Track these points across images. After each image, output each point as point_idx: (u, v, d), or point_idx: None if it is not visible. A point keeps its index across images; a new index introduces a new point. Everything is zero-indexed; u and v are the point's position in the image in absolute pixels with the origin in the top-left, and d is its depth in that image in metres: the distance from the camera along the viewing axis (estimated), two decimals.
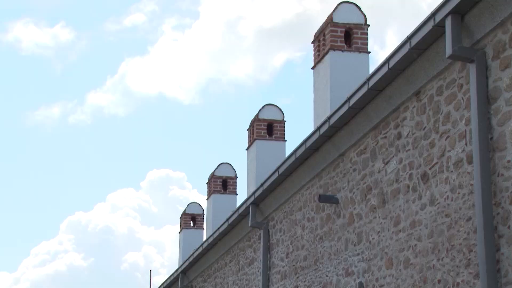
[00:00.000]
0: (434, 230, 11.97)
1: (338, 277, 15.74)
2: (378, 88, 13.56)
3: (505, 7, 10.12)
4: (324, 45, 20.96)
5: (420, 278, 12.31)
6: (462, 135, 11.35)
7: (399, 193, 13.27)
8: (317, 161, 17.15)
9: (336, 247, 15.93)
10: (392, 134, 13.69)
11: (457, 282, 11.21)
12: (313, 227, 17.42)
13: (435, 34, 11.58)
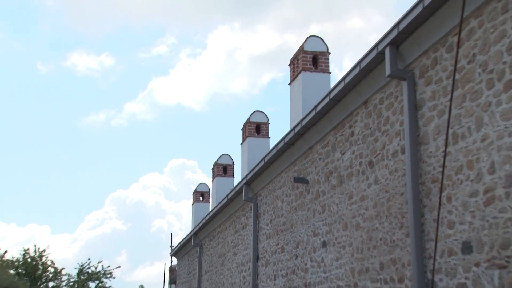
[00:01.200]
0: (377, 202, 12.03)
1: (307, 237, 15.76)
2: (337, 98, 13.59)
3: (427, 40, 10.39)
4: (298, 67, 21.02)
5: (367, 237, 12.35)
6: (397, 133, 11.44)
7: (352, 175, 13.30)
8: (293, 153, 17.14)
9: (306, 215, 15.97)
10: (347, 133, 13.72)
11: (393, 240, 11.29)
12: (290, 201, 17.43)
13: (378, 59, 11.62)
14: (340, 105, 13.82)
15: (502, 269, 8.20)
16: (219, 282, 27.04)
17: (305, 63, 20.89)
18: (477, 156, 8.90)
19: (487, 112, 8.72)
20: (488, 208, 8.58)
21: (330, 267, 14.22)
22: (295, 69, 21.40)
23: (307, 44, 21.07)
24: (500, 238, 8.27)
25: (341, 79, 13.27)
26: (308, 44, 21.05)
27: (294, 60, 21.57)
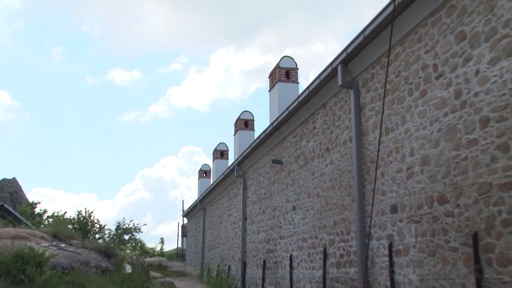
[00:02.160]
0: (332, 177, 12.07)
1: (282, 203, 15.77)
2: (303, 102, 13.61)
3: (367, 60, 10.45)
4: (275, 79, 20.97)
5: (325, 203, 12.38)
6: (347, 127, 11.48)
7: (314, 158, 13.30)
8: (271, 141, 17.07)
9: (281, 187, 15.97)
10: (311, 127, 13.71)
11: (343, 204, 11.33)
12: (269, 177, 17.38)
13: (332, 73, 11.67)
14: (306, 107, 13.83)
15: (417, 224, 8.44)
16: (217, 235, 27.05)
17: (280, 76, 20.95)
18: (402, 144, 9.05)
19: (408, 112, 8.88)
20: (408, 181, 8.77)
21: (298, 224, 14.25)
22: (273, 80, 21.39)
23: (282, 62, 21.15)
24: (416, 202, 8.49)
25: (306, 88, 13.31)
26: (282, 62, 21.13)
27: (272, 74, 21.59)
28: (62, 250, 12.94)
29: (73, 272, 12.12)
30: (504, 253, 6.50)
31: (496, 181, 6.70)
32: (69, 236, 15.62)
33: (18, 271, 10.53)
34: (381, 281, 9.54)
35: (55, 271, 11.51)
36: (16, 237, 12.80)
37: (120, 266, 15.20)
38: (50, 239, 14.34)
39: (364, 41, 10.15)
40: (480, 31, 7.20)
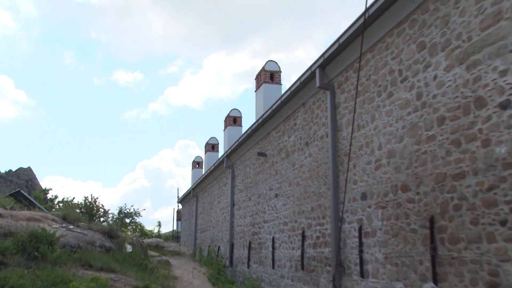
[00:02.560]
0: (310, 168, 12.11)
1: (265, 191, 15.81)
2: (285, 101, 13.63)
3: (342, 65, 10.47)
4: (261, 80, 20.94)
5: (304, 191, 12.41)
6: (323, 124, 11.52)
7: (295, 151, 13.32)
8: (257, 136, 17.08)
9: (265, 177, 15.98)
10: (292, 123, 13.71)
11: (320, 192, 11.39)
12: (255, 168, 17.41)
13: (311, 76, 11.71)
14: (287, 105, 13.84)
15: (383, 209, 8.56)
16: (208, 220, 27.06)
17: (265, 78, 20.92)
18: (371, 139, 9.13)
19: (377, 111, 8.96)
20: (376, 172, 8.87)
21: (279, 210, 14.27)
22: (259, 81, 21.35)
23: (267, 65, 21.13)
24: (383, 190, 8.61)
25: (288, 89, 13.31)
26: (267, 66, 21.11)
27: (259, 76, 21.54)
28: (70, 231, 13.06)
29: (80, 250, 12.26)
30: (454, 233, 6.66)
31: (449, 172, 6.84)
32: (77, 219, 15.73)
33: (33, 248, 10.73)
34: (351, 259, 9.62)
35: (65, 249, 11.67)
36: (31, 219, 12.92)
37: (121, 246, 15.32)
38: (60, 221, 14.45)
39: (339, 48, 10.20)
40: (437, 41, 7.33)
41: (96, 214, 34.35)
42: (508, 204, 5.77)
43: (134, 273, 13.14)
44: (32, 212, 14.93)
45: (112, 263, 12.58)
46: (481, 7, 6.47)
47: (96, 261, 12.01)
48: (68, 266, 11.15)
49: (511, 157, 5.78)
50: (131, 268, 13.54)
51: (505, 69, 5.97)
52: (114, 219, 37.51)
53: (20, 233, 10.99)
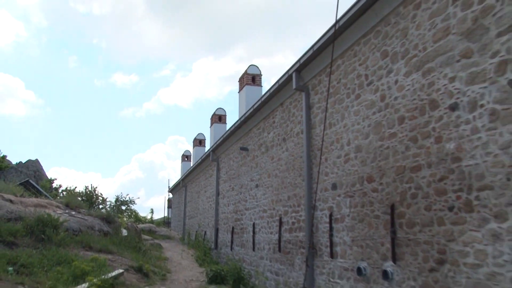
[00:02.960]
0: (287, 161, 12.13)
1: (247, 182, 15.82)
2: (265, 101, 13.64)
3: (315, 69, 10.49)
4: (243, 83, 20.92)
5: (281, 182, 12.43)
6: (299, 122, 11.55)
7: (274, 146, 13.32)
8: (240, 133, 17.06)
9: (247, 169, 15.99)
10: (271, 121, 13.69)
11: (295, 183, 11.42)
12: (238, 161, 17.40)
13: (288, 79, 11.71)
14: (267, 105, 13.84)
15: (351, 198, 8.67)
16: (196, 207, 27.03)
17: (247, 80, 20.93)
18: (341, 136, 9.21)
19: (346, 111, 9.05)
20: (345, 165, 8.96)
21: (259, 199, 14.30)
22: (242, 84, 21.32)
23: (249, 69, 21.13)
24: (351, 181, 8.72)
25: (268, 90, 13.30)
26: (249, 69, 21.11)
27: (242, 79, 21.51)
28: (72, 217, 13.10)
29: (81, 234, 12.34)
30: (411, 218, 6.84)
31: (408, 165, 7.01)
32: (78, 206, 15.77)
33: (40, 231, 10.85)
34: (323, 242, 9.70)
35: (68, 232, 11.76)
36: (38, 206, 12.95)
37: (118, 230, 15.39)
38: (63, 208, 14.48)
39: (313, 55, 10.24)
40: (398, 50, 7.48)
41: (96, 201, 34.27)
42: (455, 193, 5.98)
43: (129, 254, 13.24)
44: (39, 199, 14.96)
45: (109, 245, 12.66)
46: (433, 22, 6.66)
47: (96, 243, 12.09)
48: (70, 247, 11.23)
49: (458, 152, 5.99)
50: (126, 250, 13.63)
51: (453, 76, 6.17)
52: (112, 206, 37.46)
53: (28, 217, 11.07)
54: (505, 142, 5.27)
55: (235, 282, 13.06)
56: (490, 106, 5.52)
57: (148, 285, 11.22)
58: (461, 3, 6.13)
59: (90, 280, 8.86)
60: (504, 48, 5.38)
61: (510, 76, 5.25)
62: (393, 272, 7.22)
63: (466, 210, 5.79)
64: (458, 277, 5.86)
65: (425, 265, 6.50)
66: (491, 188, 5.43)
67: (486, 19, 5.68)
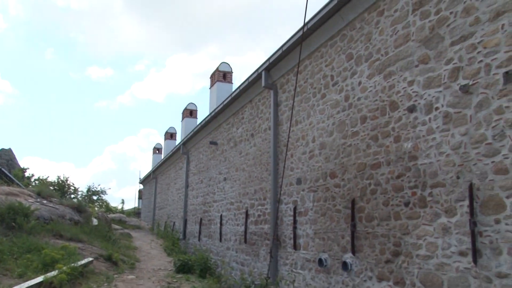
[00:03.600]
0: (255, 156, 12.19)
1: (216, 175, 15.82)
2: (235, 98, 13.68)
3: (284, 69, 10.57)
4: (215, 79, 20.87)
5: (248, 176, 12.50)
6: (267, 118, 11.63)
7: (242, 141, 13.38)
8: (210, 127, 17.07)
9: (216, 163, 15.98)
10: (240, 117, 13.74)
11: (262, 177, 11.51)
12: (207, 154, 17.39)
13: (258, 77, 11.77)
14: (237, 101, 13.88)
15: (314, 192, 8.81)
16: (166, 199, 26.92)
17: (219, 77, 20.88)
18: (306, 133, 9.33)
19: (312, 109, 9.17)
20: (310, 161, 9.09)
21: (227, 192, 14.34)
22: (213, 80, 21.23)
23: (221, 66, 21.09)
24: (314, 176, 8.85)
25: (238, 87, 13.33)
26: (221, 67, 21.07)
27: (213, 75, 21.43)
28: (44, 205, 12.94)
29: (52, 222, 12.19)
30: (370, 212, 7.03)
31: (369, 162, 7.19)
32: (50, 195, 15.56)
33: (10, 219, 10.68)
34: (286, 234, 9.82)
35: (39, 221, 11.61)
36: (9, 194, 12.75)
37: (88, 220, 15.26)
38: (35, 196, 14.27)
39: (282, 55, 10.32)
40: (362, 54, 7.64)
41: (67, 191, 33.87)
42: (411, 189, 6.20)
43: (99, 243, 13.15)
44: (11, 187, 14.70)
45: (80, 234, 12.56)
46: (395, 29, 6.85)
47: (66, 232, 11.98)
48: (41, 235, 11.10)
49: (415, 151, 6.20)
50: (96, 239, 13.54)
51: (412, 80, 6.38)
52: (83, 196, 37.07)
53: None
54: (456, 143, 5.50)
55: (202, 272, 13.13)
56: (444, 109, 5.74)
57: (117, 273, 11.20)
58: (420, 13, 6.35)
59: (59, 267, 8.79)
60: (457, 56, 5.60)
61: (461, 82, 5.48)
62: (352, 263, 7.41)
63: (420, 206, 6.01)
64: (411, 268, 6.09)
65: (382, 256, 6.70)
66: (443, 185, 5.65)
67: (442, 28, 5.90)
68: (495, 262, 4.84)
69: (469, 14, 5.47)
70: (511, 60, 4.88)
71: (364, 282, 7.06)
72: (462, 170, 5.38)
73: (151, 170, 33.86)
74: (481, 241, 5.02)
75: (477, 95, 5.25)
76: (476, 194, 5.14)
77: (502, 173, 4.85)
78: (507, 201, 4.77)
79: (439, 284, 5.58)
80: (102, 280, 9.99)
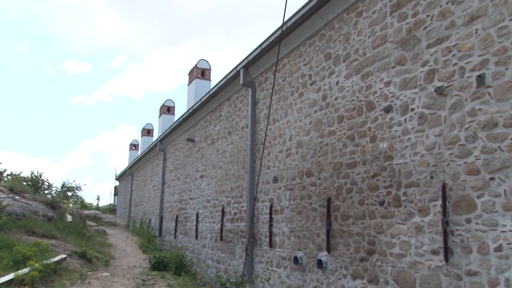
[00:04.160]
0: (232, 154, 12.21)
1: (192, 172, 15.83)
2: (213, 95, 13.68)
3: (262, 67, 10.60)
4: (193, 76, 20.85)
5: (225, 173, 12.52)
6: (244, 116, 11.64)
7: (219, 138, 13.36)
8: (187, 124, 17.01)
9: (193, 160, 15.97)
10: (218, 114, 13.74)
11: (239, 175, 11.54)
12: (184, 151, 17.37)
13: (236, 75, 11.79)
14: (215, 99, 13.86)
15: (291, 191, 8.86)
16: (142, 196, 26.80)
17: (197, 74, 20.87)
18: (284, 131, 9.37)
19: (290, 108, 9.22)
20: (287, 159, 9.14)
21: (204, 189, 14.32)
22: (192, 77, 21.21)
23: (199, 63, 21.06)
24: (291, 175, 8.91)
25: (216, 84, 13.31)
26: (199, 64, 21.05)
27: (191, 72, 21.40)
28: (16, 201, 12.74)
29: (24, 218, 12.02)
30: (345, 211, 7.12)
31: (345, 161, 7.27)
32: (23, 191, 15.34)
33: None
34: (262, 232, 9.87)
35: (10, 217, 11.41)
36: None
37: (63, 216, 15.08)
38: (7, 192, 14.04)
39: (261, 53, 10.37)
40: (340, 54, 7.71)
41: (41, 187, 33.38)
42: (386, 189, 6.30)
43: (73, 240, 13.02)
44: None
45: (53, 230, 12.40)
46: (373, 30, 6.94)
47: (39, 228, 11.82)
48: (13, 232, 10.93)
49: (390, 151, 6.30)
50: (70, 236, 13.40)
51: (388, 81, 6.48)
52: (57, 192, 36.60)
53: None
54: (430, 144, 5.61)
55: (177, 269, 13.10)
56: (419, 110, 5.84)
57: (91, 270, 11.10)
58: (397, 15, 6.44)
59: (31, 264, 8.66)
60: (433, 58, 5.71)
61: (437, 84, 5.59)
62: (327, 261, 7.49)
63: (395, 205, 6.11)
64: (385, 266, 6.19)
65: (356, 255, 6.80)
66: (417, 185, 5.76)
67: (418, 31, 6.00)
68: (465, 260, 4.96)
69: (445, 18, 5.58)
70: (484, 63, 4.99)
71: (339, 280, 7.15)
72: (435, 171, 5.49)
73: (128, 166, 33.64)
74: (453, 240, 5.13)
75: (451, 97, 5.36)
76: (449, 194, 5.25)
77: (474, 173, 4.97)
78: (478, 201, 4.89)
79: (411, 282, 5.69)
80: (75, 277, 9.89)
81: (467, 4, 5.30)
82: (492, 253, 4.69)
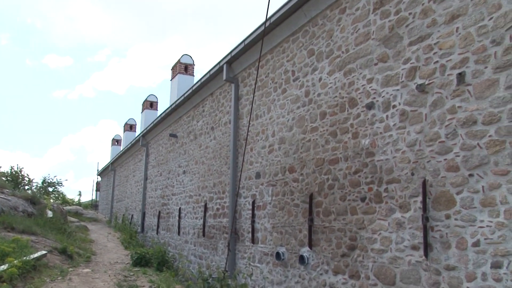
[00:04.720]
0: (214, 149, 12.21)
1: (175, 168, 15.81)
2: (196, 90, 13.63)
3: (245, 63, 10.62)
4: (176, 71, 20.78)
5: (208, 169, 12.51)
6: (227, 112, 11.65)
7: (202, 134, 13.36)
8: (170, 119, 16.99)
9: (175, 156, 15.96)
10: (201, 110, 13.71)
11: (221, 171, 11.54)
12: (167, 147, 17.34)
13: (219, 70, 11.77)
14: (198, 94, 13.83)
15: (273, 187, 8.90)
16: (124, 191, 26.69)
17: (180, 69, 20.76)
18: (267, 127, 9.40)
19: (273, 104, 9.24)
20: (269, 155, 9.17)
21: (186, 185, 14.33)
22: (175, 72, 21.12)
23: (182, 58, 20.97)
24: (273, 171, 8.94)
25: (199, 80, 13.27)
26: (183, 59, 20.96)
27: (174, 67, 21.30)
28: None
29: (3, 214, 11.87)
30: (327, 207, 7.17)
31: (327, 158, 7.32)
32: (2, 186, 15.14)
33: None
34: (245, 228, 9.91)
35: None
36: None
37: (43, 212, 14.92)
38: None
39: (244, 48, 10.38)
40: (323, 50, 7.75)
41: (21, 182, 33.01)
42: (368, 185, 6.36)
43: (54, 236, 12.90)
44: None
45: (33, 226, 12.28)
46: (356, 27, 6.99)
47: (18, 224, 11.69)
48: None
49: (372, 148, 6.36)
50: (51, 232, 13.28)
51: (371, 78, 6.53)
52: (38, 187, 36.24)
53: None
54: (411, 140, 5.68)
55: (159, 265, 13.08)
56: (401, 107, 5.91)
57: (71, 266, 11.02)
58: (380, 12, 6.49)
59: (10, 261, 8.56)
60: (414, 56, 5.77)
61: (418, 81, 5.66)
62: (309, 257, 7.55)
63: (376, 201, 6.18)
64: (366, 261, 6.26)
65: (338, 250, 6.86)
66: (398, 181, 5.83)
67: (401, 28, 6.06)
68: (444, 255, 5.04)
69: (426, 16, 5.64)
70: (464, 62, 5.06)
71: (321, 275, 7.21)
72: (416, 167, 5.56)
73: (110, 162, 33.40)
74: (432, 236, 5.21)
75: (432, 95, 5.43)
76: (429, 190, 5.32)
77: (453, 170, 5.05)
78: (457, 197, 4.96)
79: (392, 277, 5.76)
80: (56, 273, 9.81)
81: (448, 3, 5.37)
82: (470, 248, 4.78)
